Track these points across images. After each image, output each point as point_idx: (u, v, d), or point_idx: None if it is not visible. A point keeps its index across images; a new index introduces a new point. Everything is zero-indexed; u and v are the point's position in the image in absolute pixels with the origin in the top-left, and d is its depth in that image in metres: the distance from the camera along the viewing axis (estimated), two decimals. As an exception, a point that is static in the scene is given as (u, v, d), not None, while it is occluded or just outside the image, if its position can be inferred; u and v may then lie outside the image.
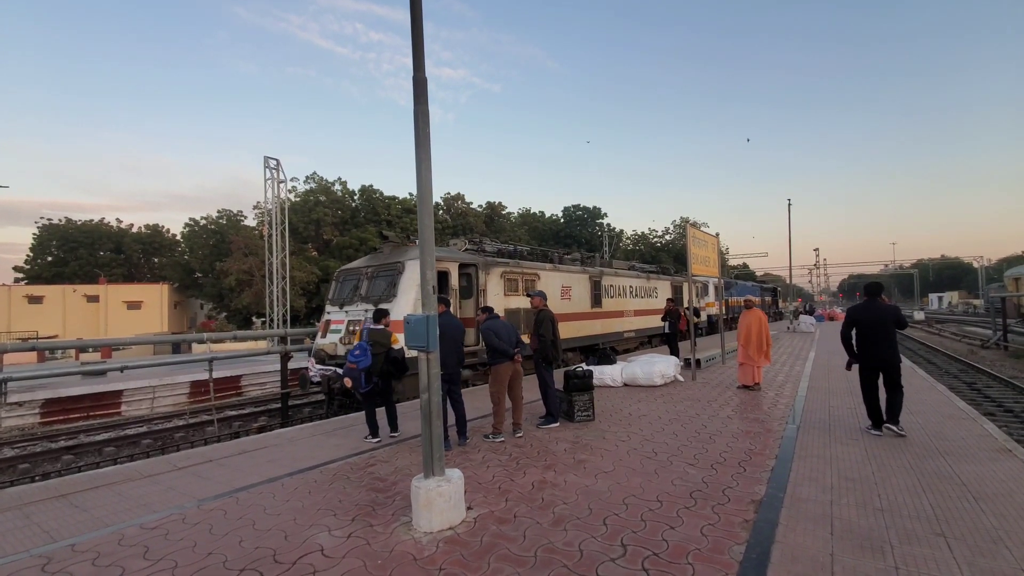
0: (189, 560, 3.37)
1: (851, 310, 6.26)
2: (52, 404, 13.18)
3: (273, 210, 23.52)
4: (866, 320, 5.94)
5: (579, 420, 6.80)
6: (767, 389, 8.95)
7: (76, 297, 42.14)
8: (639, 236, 65.59)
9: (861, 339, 6.02)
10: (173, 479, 5.21)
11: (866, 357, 5.98)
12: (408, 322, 3.83)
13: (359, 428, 6.83)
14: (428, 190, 3.90)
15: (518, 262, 12.55)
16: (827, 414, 7.07)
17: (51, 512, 4.44)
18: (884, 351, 5.83)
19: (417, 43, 3.95)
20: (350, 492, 4.54)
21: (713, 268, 11.60)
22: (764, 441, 5.73)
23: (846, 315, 6.29)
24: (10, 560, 3.50)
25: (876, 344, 5.87)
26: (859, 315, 6.03)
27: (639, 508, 3.92)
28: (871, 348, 5.91)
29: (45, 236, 48.05)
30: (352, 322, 10.17)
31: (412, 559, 3.25)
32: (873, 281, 6.22)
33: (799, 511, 3.83)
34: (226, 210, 42.98)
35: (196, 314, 48.71)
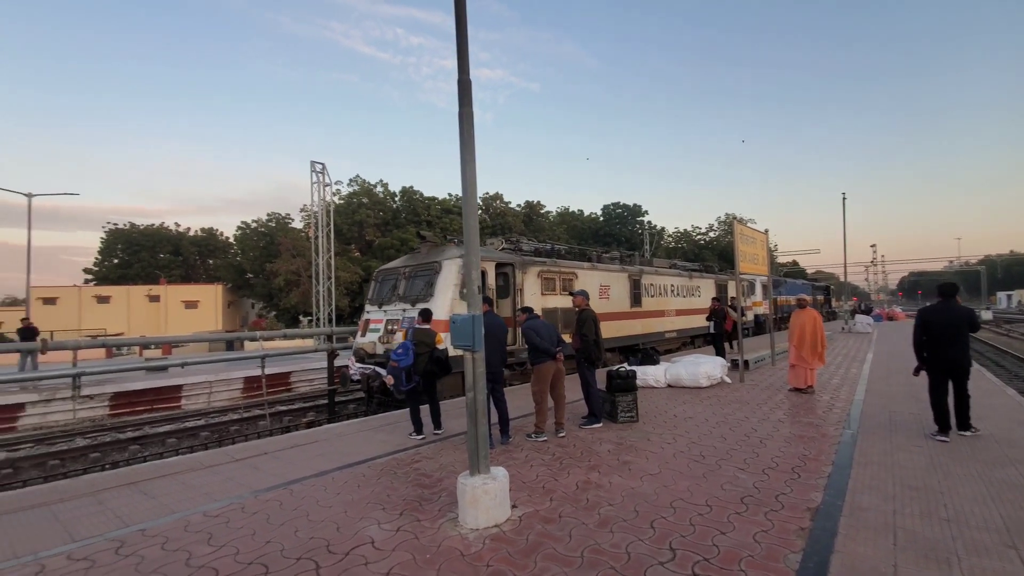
0: (249, 547, 3.53)
1: (923, 311, 6.04)
2: (119, 397, 14.08)
3: (319, 213, 24.31)
4: (938, 322, 5.75)
5: (622, 421, 6.71)
6: (821, 392, 8.57)
7: (139, 297, 44.89)
8: (681, 234, 64.17)
9: (932, 342, 5.83)
10: (231, 470, 5.47)
11: (937, 360, 5.78)
12: (455, 321, 3.88)
13: (404, 425, 6.97)
14: (473, 190, 3.94)
15: (555, 261, 12.44)
16: (887, 419, 6.70)
17: (122, 498, 4.75)
18: (955, 354, 5.65)
19: (462, 46, 4.00)
20: (397, 487, 4.64)
21: (762, 266, 11.21)
22: (819, 446, 5.49)
23: (917, 316, 6.07)
24: (87, 543, 3.77)
25: (948, 347, 5.68)
26: (931, 316, 5.84)
27: (687, 512, 3.84)
28: (942, 351, 5.72)
29: (111, 240, 51.44)
30: (390, 321, 10.31)
31: (460, 555, 3.29)
32: (948, 282, 6.02)
33: (859, 520, 3.65)
34: (275, 213, 44.86)
35: (247, 313, 50.99)
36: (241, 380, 16.21)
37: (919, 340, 5.94)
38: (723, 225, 60.80)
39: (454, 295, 9.62)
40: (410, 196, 43.08)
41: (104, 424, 12.91)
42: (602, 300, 13.43)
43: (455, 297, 9.61)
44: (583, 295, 6.94)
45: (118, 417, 13.73)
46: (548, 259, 12.38)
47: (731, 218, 56.75)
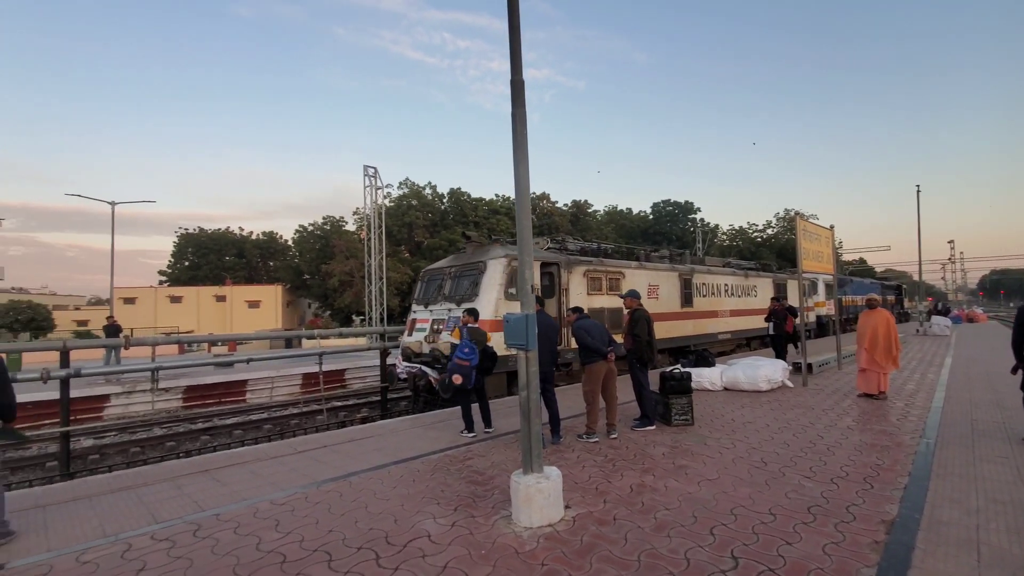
0: (313, 535, 3.69)
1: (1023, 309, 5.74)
2: (191, 390, 15.08)
3: (371, 215, 25.09)
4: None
5: (676, 424, 6.53)
6: (895, 399, 8.03)
7: (207, 297, 47.89)
8: (736, 231, 61.79)
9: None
10: (295, 461, 5.74)
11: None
12: (508, 320, 3.90)
13: (454, 423, 7.08)
14: (526, 190, 3.95)
15: (601, 260, 12.24)
16: (969, 428, 6.20)
17: (198, 485, 5.07)
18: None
19: (514, 46, 4.02)
20: (450, 483, 4.72)
21: (827, 264, 10.61)
22: (894, 456, 5.14)
23: (1017, 314, 5.81)
24: (168, 525, 4.05)
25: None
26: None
27: (749, 520, 3.69)
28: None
29: (183, 243, 55.14)
30: (436, 321, 10.40)
31: (514, 552, 3.31)
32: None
33: (939, 535, 3.40)
34: (330, 216, 46.67)
35: (304, 312, 53.33)
36: (300, 376, 16.99)
37: (1019, 338, 5.62)
38: (782, 222, 58.10)
39: (499, 295, 9.63)
40: (458, 197, 43.76)
41: (178, 415, 13.87)
42: (651, 300, 13.12)
43: (500, 297, 9.62)
44: (634, 296, 6.82)
45: (190, 409, 14.71)
46: (594, 258, 12.20)
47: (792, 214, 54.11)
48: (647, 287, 13.08)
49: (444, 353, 9.43)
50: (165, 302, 47.42)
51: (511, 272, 9.90)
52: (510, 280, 9.84)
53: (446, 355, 9.34)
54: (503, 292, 9.68)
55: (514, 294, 9.78)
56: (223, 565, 3.31)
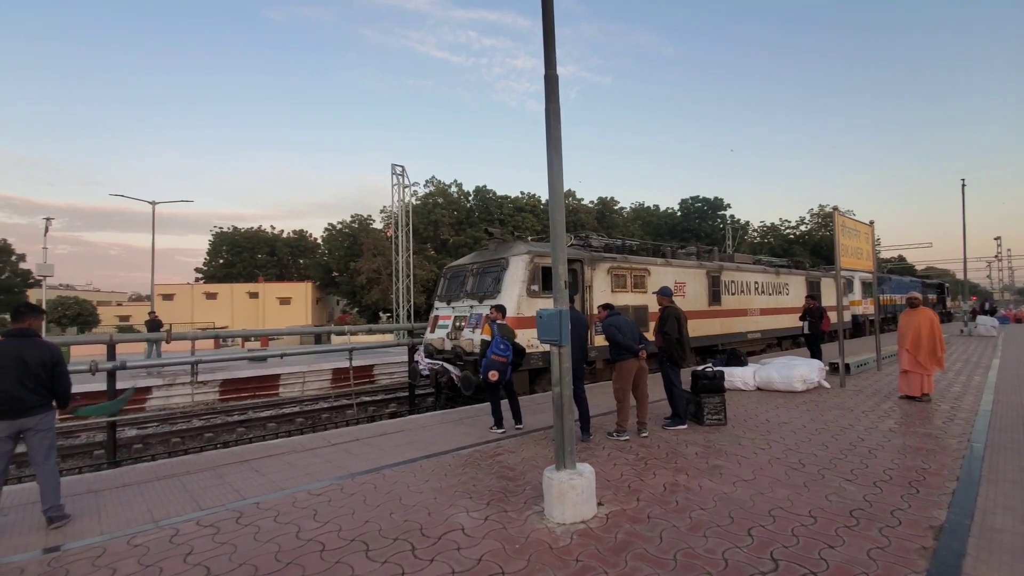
0: (350, 525, 3.77)
1: None
2: (227, 384, 15.55)
3: (398, 213, 25.40)
4: None
5: (709, 423, 6.43)
6: (939, 401, 7.72)
7: (241, 294, 49.33)
8: (768, 228, 60.26)
9: None
10: (329, 453, 5.87)
11: None
12: (541, 316, 3.89)
13: (483, 419, 7.12)
14: (559, 186, 3.94)
15: (626, 257, 12.05)
16: (1021, 434, 5.91)
17: (238, 474, 5.24)
18: None
19: (548, 41, 4.00)
20: (481, 478, 4.75)
21: (866, 261, 10.25)
22: (940, 460, 4.95)
23: None
24: (212, 512, 4.20)
25: None
26: None
27: (789, 522, 3.60)
28: None
29: (217, 242, 56.87)
30: (458, 318, 10.38)
31: (548, 547, 3.31)
32: None
33: (992, 542, 3.26)
34: (358, 215, 47.44)
35: (333, 309, 54.42)
36: (330, 371, 17.33)
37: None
38: (816, 218, 56.38)
39: (521, 291, 9.56)
40: (483, 195, 43.90)
41: (215, 407, 14.33)
42: (677, 298, 12.74)
43: (522, 294, 9.55)
44: (665, 293, 6.75)
45: (226, 401, 15.18)
46: (619, 255, 12.03)
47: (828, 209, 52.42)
48: (674, 284, 12.78)
49: (466, 350, 9.45)
50: (201, 298, 49.08)
51: (533, 269, 9.85)
52: (532, 277, 9.80)
53: (468, 352, 9.40)
54: (525, 289, 9.63)
55: (536, 291, 9.75)
56: (266, 552, 3.41)
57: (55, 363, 4.13)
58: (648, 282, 12.01)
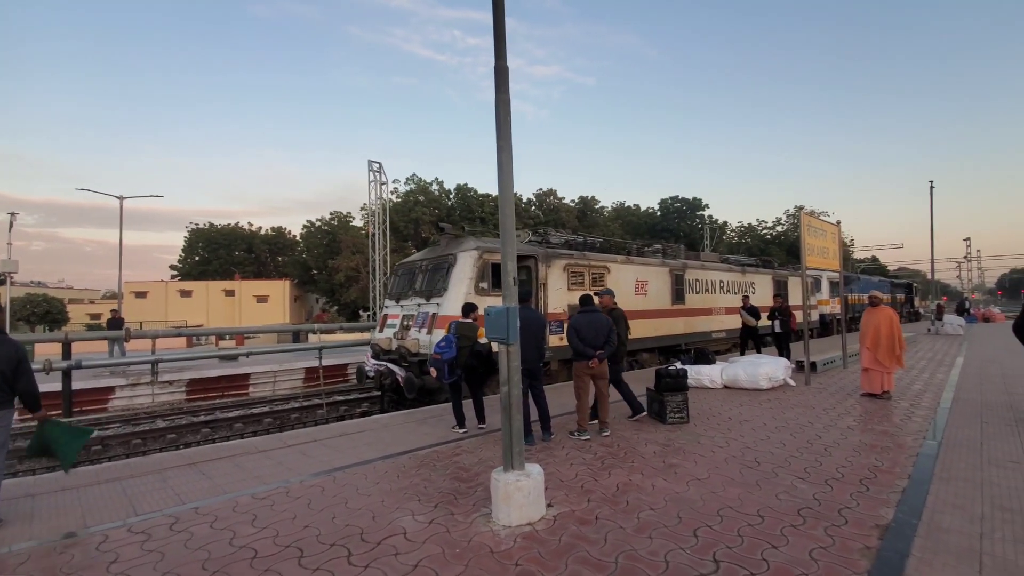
0: (288, 531, 3.62)
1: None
2: (195, 383, 15.15)
3: (376, 210, 25.09)
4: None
5: (671, 422, 6.39)
6: (899, 398, 7.81)
7: (217, 291, 48.37)
8: (745, 228, 61.11)
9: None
10: (283, 455, 5.69)
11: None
12: (489, 313, 3.79)
13: (448, 418, 6.99)
14: (509, 180, 3.84)
15: (584, 254, 11.64)
16: (979, 431, 5.98)
17: (182, 478, 5.04)
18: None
19: (498, 32, 3.90)
20: (435, 479, 4.63)
21: (833, 260, 10.36)
22: (894, 457, 4.97)
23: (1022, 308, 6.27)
24: (147, 517, 4.01)
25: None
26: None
27: (736, 521, 3.56)
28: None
29: (193, 239, 55.70)
30: (407, 316, 10.04)
31: (489, 551, 3.21)
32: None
33: (938, 542, 3.24)
34: (337, 212, 46.89)
35: (312, 307, 53.70)
36: (303, 370, 17.01)
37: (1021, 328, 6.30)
38: (791, 218, 57.35)
39: (468, 289, 9.18)
40: (464, 193, 43.69)
41: (181, 408, 13.94)
42: (639, 296, 12.57)
43: (469, 291, 9.14)
44: (609, 294, 6.71)
45: (193, 402, 14.79)
46: (576, 252, 11.62)
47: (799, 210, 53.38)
48: (635, 282, 12.62)
49: (411, 350, 9.14)
50: (175, 296, 48.00)
51: (482, 266, 9.49)
52: (481, 274, 9.45)
53: (413, 352, 9.11)
54: (474, 287, 9.25)
55: (486, 289, 9.41)
56: (193, 560, 3.25)
57: (19, 360, 4.02)
58: (607, 280, 11.77)
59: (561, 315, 10.51)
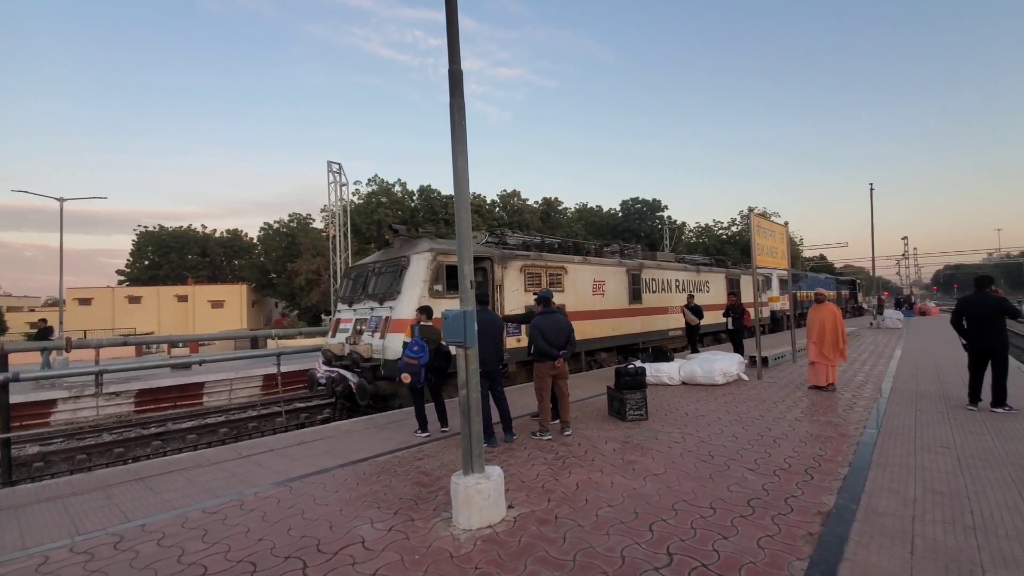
0: (241, 545, 3.52)
1: (961, 300, 6.98)
2: (145, 394, 14.46)
3: (337, 212, 24.58)
4: (974, 310, 6.62)
5: (631, 419, 6.54)
6: (843, 390, 8.24)
7: (168, 297, 46.23)
8: (702, 228, 63.00)
9: (971, 326, 6.67)
10: (237, 467, 5.51)
11: (975, 342, 6.64)
12: (446, 317, 3.79)
13: (411, 422, 6.92)
14: (465, 182, 3.85)
15: (540, 254, 11.59)
16: (913, 419, 6.38)
17: (129, 494, 4.81)
18: (991, 336, 6.49)
19: (452, 35, 3.90)
20: (395, 485, 4.59)
21: (781, 260, 10.84)
22: (836, 446, 5.25)
23: (956, 304, 7.00)
24: (89, 537, 3.81)
25: (986, 331, 6.52)
26: (968, 305, 6.73)
27: (689, 515, 3.68)
28: (980, 334, 6.56)
29: (142, 242, 53.04)
30: (359, 321, 9.81)
31: (449, 556, 3.21)
32: (983, 275, 6.90)
33: (874, 526, 3.44)
34: (296, 214, 45.63)
35: (271, 312, 52.05)
36: (261, 378, 16.49)
37: (957, 322, 6.81)
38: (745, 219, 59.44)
39: (423, 292, 9.01)
40: (428, 195, 43.26)
41: (129, 420, 13.27)
42: (596, 297, 12.66)
43: (424, 294, 8.98)
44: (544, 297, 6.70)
45: (143, 413, 14.11)
46: (532, 252, 11.54)
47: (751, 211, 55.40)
48: (592, 283, 12.67)
49: (363, 356, 8.93)
50: (123, 303, 45.56)
51: (437, 268, 9.35)
52: (436, 276, 9.31)
53: (365, 358, 8.90)
54: (428, 289, 9.10)
55: (440, 291, 9.29)
56: (138, 580, 3.11)
57: None
58: (565, 281, 11.81)
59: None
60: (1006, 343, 6.58)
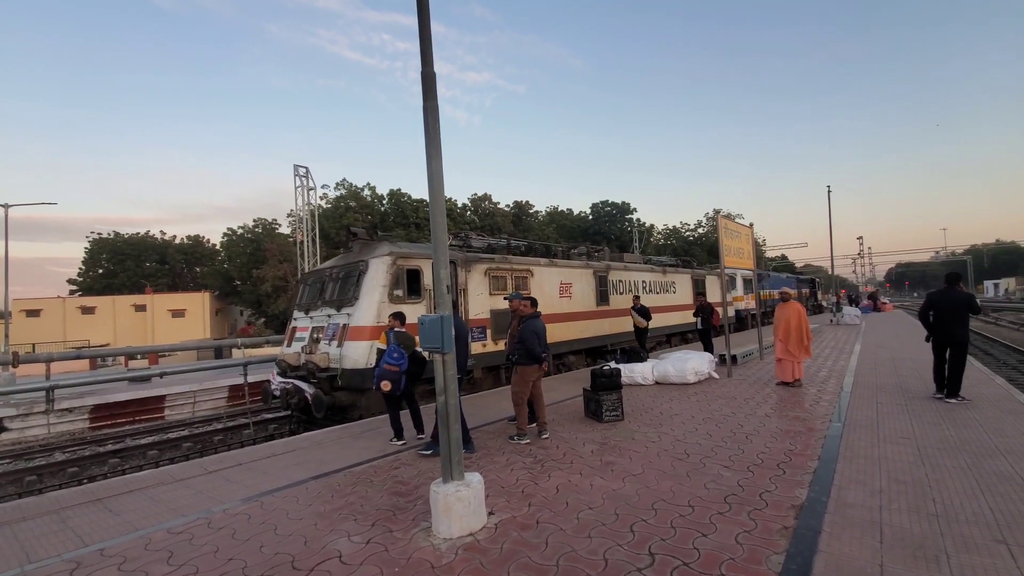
0: (210, 566, 3.36)
1: (930, 294, 7.32)
2: (100, 409, 13.78)
3: (304, 217, 24.04)
4: (943, 304, 6.99)
5: (607, 420, 6.59)
6: (808, 385, 8.51)
7: (125, 307, 44.20)
8: (671, 230, 64.34)
9: (937, 318, 7.04)
10: (203, 483, 5.28)
11: (940, 334, 7.01)
12: (423, 323, 3.73)
13: (386, 430, 6.79)
14: (439, 186, 3.81)
15: (505, 257, 11.48)
16: (875, 411, 6.63)
17: (86, 516, 4.54)
18: (956, 330, 6.84)
19: (424, 38, 3.86)
20: (372, 496, 4.48)
21: (747, 260, 11.14)
22: (805, 441, 5.40)
23: (926, 298, 7.36)
24: (42, 565, 3.57)
25: (951, 324, 6.88)
26: (937, 299, 7.09)
27: (669, 514, 3.72)
28: (947, 327, 6.92)
29: (96, 249, 50.63)
30: (316, 329, 9.49)
31: (430, 567, 3.15)
32: (952, 272, 7.20)
33: (845, 517, 3.55)
34: (261, 219, 44.38)
35: (236, 320, 50.38)
36: (226, 388, 15.94)
37: (925, 315, 7.17)
38: (711, 221, 61.01)
39: (381, 297, 8.74)
40: (398, 199, 42.79)
41: (84, 437, 12.61)
42: (563, 299, 12.64)
43: (383, 300, 8.72)
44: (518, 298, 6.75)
45: (98, 430, 13.43)
46: (497, 255, 11.43)
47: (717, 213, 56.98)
48: (559, 285, 12.63)
49: (319, 366, 8.63)
50: (75, 313, 43.28)
51: (396, 272, 9.05)
52: (395, 281, 9.01)
53: (322, 368, 8.62)
54: (387, 294, 8.81)
55: (400, 296, 9.02)
56: (98, 609, 2.93)
57: None
58: (531, 283, 11.72)
59: (484, 321, 10.38)
60: (967, 337, 6.88)
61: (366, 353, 8.41)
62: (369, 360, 8.31)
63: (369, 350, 8.40)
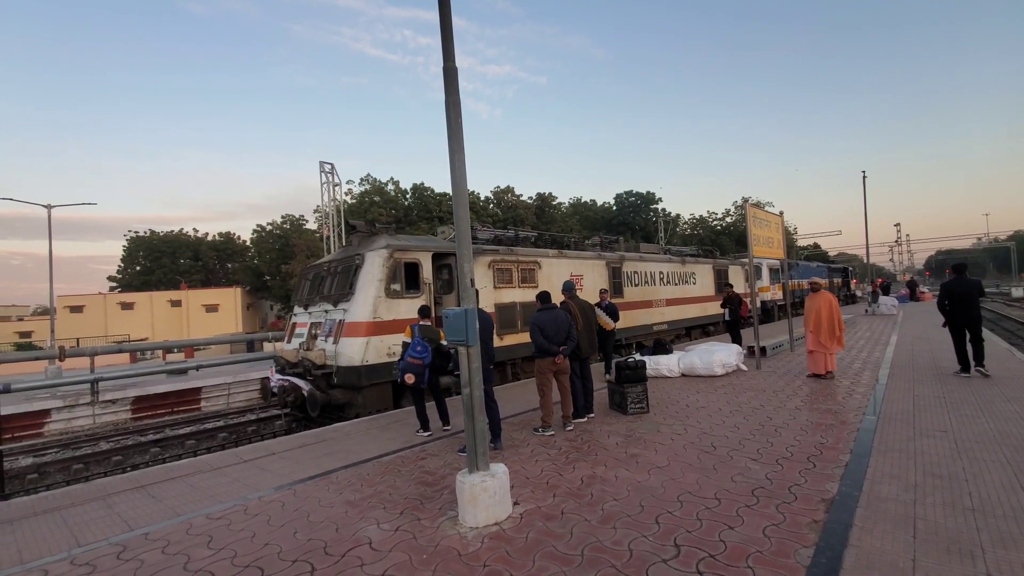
0: (247, 550, 3.50)
1: (945, 284, 8.29)
2: (141, 401, 14.37)
3: (330, 212, 24.45)
4: (957, 291, 7.90)
5: (632, 412, 6.56)
6: (841, 377, 8.29)
7: (162, 302, 45.88)
8: (697, 220, 63.15)
9: (953, 304, 7.96)
10: (239, 471, 5.48)
11: (957, 317, 7.92)
12: (447, 316, 3.77)
13: (413, 422, 6.92)
14: (462, 180, 3.83)
15: (511, 249, 11.11)
16: (911, 404, 6.43)
17: (131, 502, 4.78)
18: (971, 312, 7.82)
19: (446, 33, 3.87)
20: (400, 486, 4.58)
21: (777, 249, 10.87)
22: (837, 434, 5.28)
23: (941, 288, 8.24)
24: (91, 548, 3.78)
25: (966, 308, 7.83)
26: (952, 287, 7.97)
27: (695, 506, 3.69)
28: (961, 311, 7.87)
29: (133, 247, 52.60)
30: (314, 325, 9.39)
31: (457, 554, 3.21)
32: (959, 262, 8.13)
33: (877, 511, 3.47)
34: (289, 215, 45.34)
35: (267, 314, 51.73)
36: (258, 381, 16.40)
37: (943, 303, 8.07)
38: (739, 210, 59.68)
39: (378, 292, 8.55)
40: (421, 193, 43.12)
41: (127, 427, 13.19)
42: None
43: (379, 294, 8.55)
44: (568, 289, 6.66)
45: (139, 420, 14.03)
46: (502, 247, 11.08)
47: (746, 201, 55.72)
48: (569, 277, 11.96)
49: (315, 363, 8.51)
50: (116, 309, 45.15)
51: (394, 266, 8.82)
52: (393, 275, 8.76)
53: (318, 365, 8.52)
54: (384, 289, 8.60)
55: (399, 291, 8.79)
56: (144, 589, 3.09)
57: None
58: (539, 276, 11.39)
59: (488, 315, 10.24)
60: (980, 316, 7.94)
61: (361, 350, 8.26)
62: (364, 358, 8.21)
63: (364, 347, 8.27)
